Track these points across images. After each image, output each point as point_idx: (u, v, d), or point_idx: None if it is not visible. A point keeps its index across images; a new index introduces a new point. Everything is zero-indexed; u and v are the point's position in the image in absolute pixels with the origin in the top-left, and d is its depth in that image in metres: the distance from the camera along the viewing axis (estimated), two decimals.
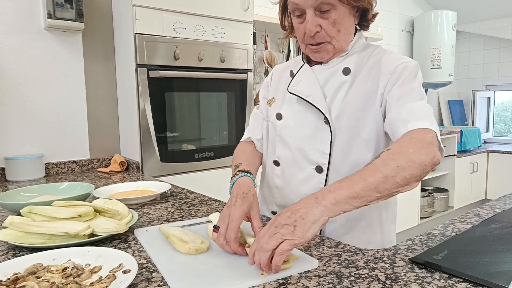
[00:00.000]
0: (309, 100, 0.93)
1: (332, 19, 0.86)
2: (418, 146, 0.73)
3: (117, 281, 0.61)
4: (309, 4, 0.85)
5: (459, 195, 3.62)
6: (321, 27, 0.87)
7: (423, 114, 0.81)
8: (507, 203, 1.09)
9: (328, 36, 0.88)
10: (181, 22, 1.91)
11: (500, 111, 4.40)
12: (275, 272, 0.64)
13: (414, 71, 0.88)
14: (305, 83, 0.96)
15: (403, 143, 0.75)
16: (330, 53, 0.92)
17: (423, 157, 0.71)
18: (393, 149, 0.73)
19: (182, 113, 1.96)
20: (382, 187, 0.68)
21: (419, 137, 0.76)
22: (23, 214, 0.89)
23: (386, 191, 0.68)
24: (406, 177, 0.69)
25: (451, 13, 3.82)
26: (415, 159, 0.70)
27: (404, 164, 0.70)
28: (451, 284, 0.61)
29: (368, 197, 0.67)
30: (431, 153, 0.72)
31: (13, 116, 1.80)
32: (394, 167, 0.69)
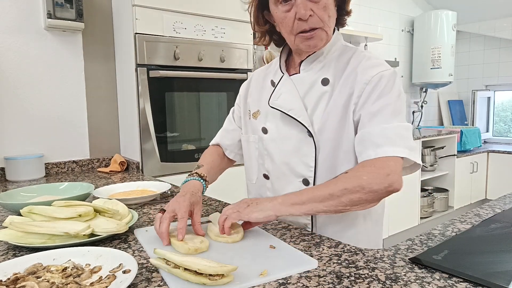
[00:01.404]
0: (291, 114, 0.91)
1: (323, 3, 0.84)
2: (374, 175, 0.77)
3: (117, 281, 0.61)
4: None
5: (459, 195, 3.62)
6: (313, 11, 0.84)
7: (396, 137, 0.80)
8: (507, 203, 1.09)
9: (321, 21, 0.85)
10: (181, 22, 1.91)
11: (500, 111, 4.40)
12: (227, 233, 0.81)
13: (391, 81, 0.86)
14: (286, 96, 0.93)
15: (360, 169, 0.80)
16: (323, 40, 0.89)
17: (375, 186, 0.76)
18: (349, 173, 0.80)
19: (182, 113, 1.96)
20: (327, 202, 0.78)
21: (379, 165, 0.78)
22: (23, 214, 0.89)
23: (332, 206, 0.78)
24: (353, 199, 0.77)
25: (451, 13, 3.82)
26: (365, 186, 0.76)
27: (352, 188, 0.77)
28: (451, 284, 0.61)
29: (313, 207, 0.78)
30: (385, 183, 0.77)
31: (13, 116, 1.80)
32: (342, 189, 0.77)
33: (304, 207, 0.78)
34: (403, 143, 0.80)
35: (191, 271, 0.61)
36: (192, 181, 0.98)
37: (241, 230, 0.84)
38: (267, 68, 1.08)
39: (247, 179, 1.10)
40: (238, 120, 1.14)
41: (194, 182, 0.98)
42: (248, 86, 1.11)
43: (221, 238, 0.81)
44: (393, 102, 0.84)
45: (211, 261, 0.63)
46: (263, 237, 0.83)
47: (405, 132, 0.82)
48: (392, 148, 0.79)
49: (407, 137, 0.82)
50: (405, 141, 0.81)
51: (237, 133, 1.14)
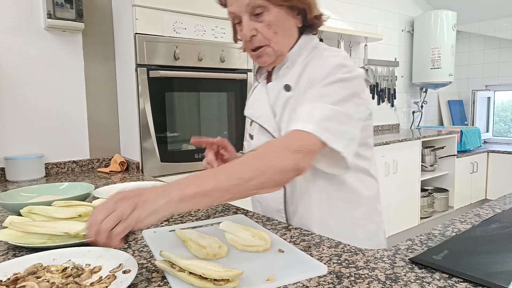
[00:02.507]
0: (258, 122, 0.96)
1: (266, 22, 0.86)
2: (283, 149, 0.71)
3: (117, 281, 0.61)
4: (242, 10, 0.86)
5: (459, 195, 3.62)
6: (257, 30, 0.87)
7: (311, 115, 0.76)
8: (507, 203, 1.09)
9: (265, 39, 0.88)
10: (181, 22, 1.91)
11: (500, 111, 4.40)
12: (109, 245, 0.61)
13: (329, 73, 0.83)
14: (257, 104, 0.99)
15: (269, 146, 0.73)
16: (271, 56, 0.90)
17: (285, 162, 0.69)
18: (258, 150, 0.72)
19: (182, 113, 1.96)
20: (235, 189, 0.66)
21: (287, 141, 0.74)
22: (23, 214, 0.89)
23: (239, 193, 0.67)
24: (263, 180, 0.68)
25: (451, 13, 3.82)
26: (276, 163, 0.69)
27: (263, 167, 0.68)
28: (451, 284, 0.61)
29: (219, 197, 0.65)
30: (293, 160, 0.70)
31: (13, 116, 1.80)
32: (252, 170, 0.67)
33: (208, 199, 0.64)
34: (316, 120, 0.75)
35: (196, 275, 0.61)
36: None
37: (268, 237, 0.79)
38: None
39: None
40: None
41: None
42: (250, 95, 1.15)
43: (251, 247, 0.76)
44: (322, 87, 0.81)
45: (217, 265, 0.63)
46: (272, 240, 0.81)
47: (328, 112, 0.77)
48: (301, 123, 0.76)
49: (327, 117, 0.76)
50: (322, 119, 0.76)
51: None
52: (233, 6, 0.87)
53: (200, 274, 0.59)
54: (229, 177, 0.66)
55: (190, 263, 0.62)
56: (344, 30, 3.17)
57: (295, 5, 0.88)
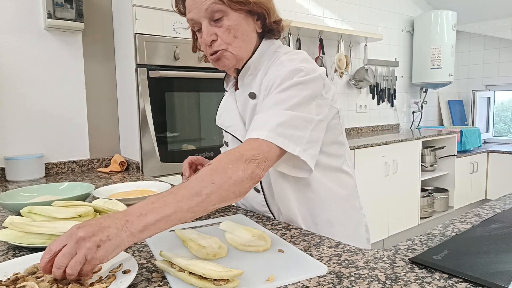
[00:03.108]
0: (229, 131, 0.98)
1: (226, 26, 0.87)
2: (237, 160, 0.70)
3: (117, 281, 0.61)
4: (202, 15, 0.86)
5: (459, 195, 3.62)
6: (217, 35, 0.87)
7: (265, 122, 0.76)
8: (507, 203, 1.09)
9: (224, 43, 0.88)
10: (181, 22, 1.91)
11: (500, 111, 4.40)
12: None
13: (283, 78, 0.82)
14: (226, 113, 1.01)
15: (224, 158, 0.72)
16: (230, 60, 0.90)
17: (240, 173, 0.69)
18: (213, 164, 0.71)
19: (182, 113, 1.96)
20: (196, 208, 0.65)
21: (241, 151, 0.73)
22: (23, 214, 0.89)
23: (201, 210, 0.66)
24: (222, 194, 0.67)
25: (451, 13, 3.82)
26: (231, 175, 0.68)
27: (220, 180, 0.67)
28: (451, 284, 0.61)
29: (181, 218, 0.64)
30: (248, 169, 0.70)
31: (13, 116, 1.80)
32: (210, 184, 0.66)
33: (170, 223, 0.63)
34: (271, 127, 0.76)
35: (196, 275, 0.61)
36: None
37: (268, 237, 0.80)
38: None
39: None
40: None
41: None
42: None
43: (251, 247, 0.76)
44: (278, 93, 0.81)
45: (217, 265, 0.63)
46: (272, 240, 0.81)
47: (283, 118, 0.77)
48: (255, 132, 0.76)
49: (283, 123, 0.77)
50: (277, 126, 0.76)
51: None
52: (192, 12, 0.87)
53: (200, 274, 0.59)
54: (188, 196, 0.65)
55: (190, 263, 0.62)
56: (344, 30, 3.17)
57: (253, 9, 0.88)
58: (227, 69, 0.95)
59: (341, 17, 3.38)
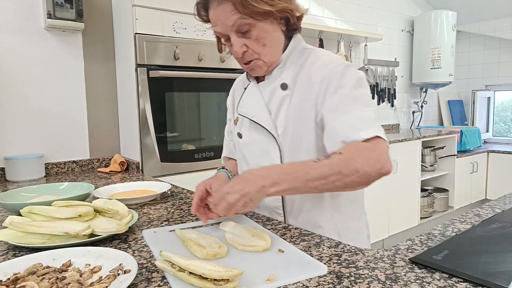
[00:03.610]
0: (255, 120, 0.98)
1: (254, 37, 0.88)
2: (367, 157, 0.76)
3: (117, 281, 0.61)
4: (229, 30, 0.87)
5: (459, 195, 3.62)
6: (247, 46, 0.89)
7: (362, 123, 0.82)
8: (507, 203, 1.09)
9: (255, 53, 0.90)
10: (181, 22, 1.91)
11: (500, 111, 4.40)
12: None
13: (343, 74, 0.87)
14: (251, 102, 1.01)
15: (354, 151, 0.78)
16: (263, 67, 0.94)
17: (368, 168, 0.75)
18: (344, 155, 0.77)
19: (182, 113, 1.96)
20: (321, 187, 0.76)
21: (370, 147, 0.78)
22: (23, 214, 0.89)
23: (324, 189, 0.77)
24: (347, 182, 0.76)
25: (451, 13, 3.82)
26: (360, 169, 0.75)
27: (348, 172, 0.75)
28: (451, 284, 0.61)
29: (306, 191, 0.78)
30: (378, 164, 0.76)
31: (13, 116, 1.80)
32: (337, 173, 0.75)
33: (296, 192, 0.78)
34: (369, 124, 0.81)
35: (196, 275, 0.61)
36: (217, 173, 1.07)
37: (268, 237, 0.81)
38: (245, 74, 1.11)
39: None
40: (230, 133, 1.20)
41: (219, 173, 1.07)
42: (232, 95, 1.17)
43: (251, 247, 0.77)
44: (349, 92, 0.86)
45: (217, 265, 0.63)
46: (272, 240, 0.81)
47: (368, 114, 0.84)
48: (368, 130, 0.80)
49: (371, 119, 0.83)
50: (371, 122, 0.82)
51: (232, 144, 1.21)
52: (218, 27, 0.89)
53: (200, 274, 0.59)
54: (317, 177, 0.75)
55: (190, 263, 0.62)
56: (344, 30, 3.17)
57: (279, 15, 0.89)
58: (260, 75, 0.98)
59: (341, 17, 3.38)
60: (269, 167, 0.78)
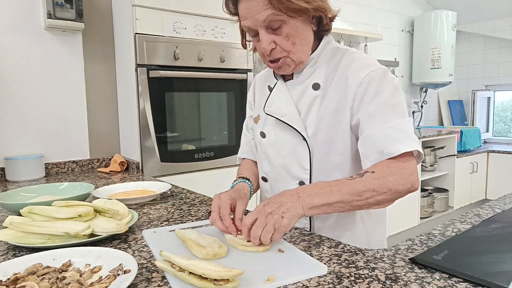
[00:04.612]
0: (284, 120, 0.94)
1: (284, 34, 0.85)
2: (399, 176, 0.78)
3: (117, 281, 0.61)
4: (259, 25, 0.84)
5: (459, 195, 3.62)
6: (276, 43, 0.86)
7: (401, 135, 0.81)
8: (507, 203, 1.09)
9: (284, 51, 0.87)
10: (181, 22, 1.91)
11: (500, 111, 4.40)
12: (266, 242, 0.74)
13: (382, 80, 0.86)
14: (280, 102, 0.97)
15: (386, 169, 0.79)
16: (291, 66, 0.90)
17: (400, 187, 0.78)
18: (376, 173, 0.79)
19: (182, 113, 1.96)
20: (354, 203, 0.77)
21: (402, 165, 0.80)
22: (23, 214, 0.89)
23: (357, 207, 0.78)
24: (379, 200, 0.78)
25: (451, 13, 3.82)
26: (392, 187, 0.77)
27: (380, 190, 0.77)
28: (451, 284, 0.61)
29: (340, 208, 0.77)
30: (409, 183, 0.79)
31: (13, 116, 1.80)
32: (371, 190, 0.77)
33: (332, 209, 0.77)
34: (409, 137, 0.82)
35: (196, 275, 0.61)
36: (237, 184, 1.01)
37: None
38: (267, 71, 1.08)
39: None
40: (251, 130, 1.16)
41: (239, 184, 1.00)
42: (253, 92, 1.13)
43: (251, 247, 0.77)
44: (388, 99, 0.85)
45: (217, 265, 0.63)
46: None
47: (408, 128, 0.83)
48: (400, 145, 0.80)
49: (410, 131, 0.83)
50: (411, 135, 0.82)
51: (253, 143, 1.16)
52: (248, 21, 0.85)
53: (200, 274, 0.59)
54: (351, 193, 0.77)
55: (190, 263, 0.62)
56: (344, 30, 3.17)
57: (312, 14, 0.87)
58: (284, 73, 0.95)
59: (341, 17, 3.38)
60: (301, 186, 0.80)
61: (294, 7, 0.81)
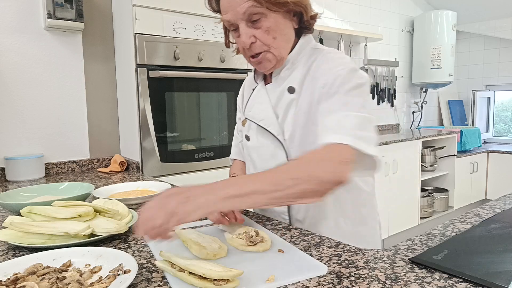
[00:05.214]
0: (261, 125, 0.95)
1: (265, 28, 0.85)
2: (325, 163, 0.71)
3: (117, 281, 0.61)
4: (239, 18, 0.84)
5: (459, 195, 3.62)
6: (256, 37, 0.86)
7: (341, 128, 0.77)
8: (507, 203, 1.09)
9: (265, 45, 0.87)
10: (181, 22, 1.91)
11: (500, 111, 4.40)
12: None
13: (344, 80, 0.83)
14: (258, 106, 0.98)
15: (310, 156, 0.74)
16: (272, 61, 0.90)
17: (323, 174, 0.70)
18: (300, 161, 0.73)
19: (182, 113, 1.96)
20: (273, 195, 0.67)
21: (329, 153, 0.74)
22: (23, 214, 0.89)
23: (277, 199, 0.68)
24: (302, 190, 0.68)
25: (451, 13, 3.82)
26: (313, 175, 0.69)
27: (302, 177, 0.69)
28: (451, 284, 0.61)
29: (258, 201, 0.67)
30: (335, 171, 0.71)
31: (13, 116, 1.80)
32: (291, 180, 0.68)
33: (247, 201, 0.66)
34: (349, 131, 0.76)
35: (196, 275, 0.61)
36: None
37: (268, 237, 0.80)
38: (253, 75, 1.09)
39: None
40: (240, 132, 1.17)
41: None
42: (242, 94, 1.14)
43: (251, 247, 0.77)
44: (342, 96, 0.82)
45: (217, 265, 0.63)
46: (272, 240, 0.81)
47: (357, 120, 0.78)
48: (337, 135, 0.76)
49: (358, 126, 0.77)
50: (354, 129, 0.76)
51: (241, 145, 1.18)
52: (229, 14, 0.85)
53: (200, 274, 0.59)
54: (269, 183, 0.68)
55: (190, 263, 0.62)
56: (344, 30, 3.17)
57: (292, 9, 0.87)
58: (268, 71, 0.94)
59: (341, 17, 3.38)
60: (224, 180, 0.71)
61: (274, 0, 0.81)
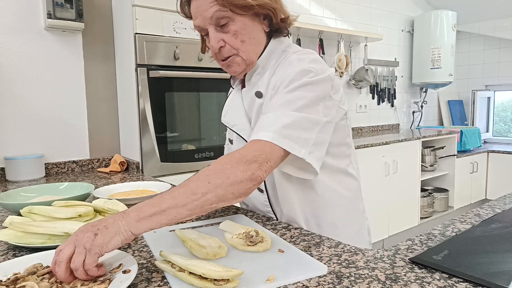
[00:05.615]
0: (234, 130, 0.97)
1: (232, 31, 0.85)
2: (237, 163, 0.70)
3: (117, 281, 0.61)
4: (207, 22, 0.85)
5: (459, 195, 3.62)
6: (224, 41, 0.86)
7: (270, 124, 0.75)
8: (507, 203, 1.09)
9: (233, 49, 0.87)
10: (181, 22, 1.91)
11: (500, 111, 4.40)
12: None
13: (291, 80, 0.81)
14: (232, 111, 0.99)
15: (223, 159, 0.73)
16: (241, 65, 0.90)
17: (239, 175, 0.69)
18: (212, 165, 0.72)
19: (182, 113, 1.96)
20: (192, 204, 0.66)
21: (243, 152, 0.73)
22: (23, 214, 0.89)
23: (197, 208, 0.66)
24: (220, 194, 0.67)
25: (451, 13, 3.82)
26: (229, 175, 0.68)
27: (217, 180, 0.68)
28: (451, 284, 0.61)
29: (177, 215, 0.65)
30: (248, 170, 0.69)
31: (13, 116, 1.80)
32: (206, 184, 0.67)
33: (165, 217, 0.64)
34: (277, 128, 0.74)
35: (196, 275, 0.61)
36: None
37: (268, 237, 0.80)
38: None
39: None
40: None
41: None
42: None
43: (251, 247, 0.76)
44: (285, 93, 0.80)
45: (217, 265, 0.63)
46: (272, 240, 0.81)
47: (291, 119, 0.76)
48: (261, 133, 0.75)
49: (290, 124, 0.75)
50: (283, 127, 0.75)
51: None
52: (198, 19, 0.87)
53: (200, 274, 0.59)
54: (185, 193, 0.66)
55: (190, 263, 0.62)
56: (344, 30, 3.17)
57: (258, 12, 0.87)
58: (237, 74, 0.94)
59: (341, 17, 3.38)
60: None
61: (238, 3, 0.82)
